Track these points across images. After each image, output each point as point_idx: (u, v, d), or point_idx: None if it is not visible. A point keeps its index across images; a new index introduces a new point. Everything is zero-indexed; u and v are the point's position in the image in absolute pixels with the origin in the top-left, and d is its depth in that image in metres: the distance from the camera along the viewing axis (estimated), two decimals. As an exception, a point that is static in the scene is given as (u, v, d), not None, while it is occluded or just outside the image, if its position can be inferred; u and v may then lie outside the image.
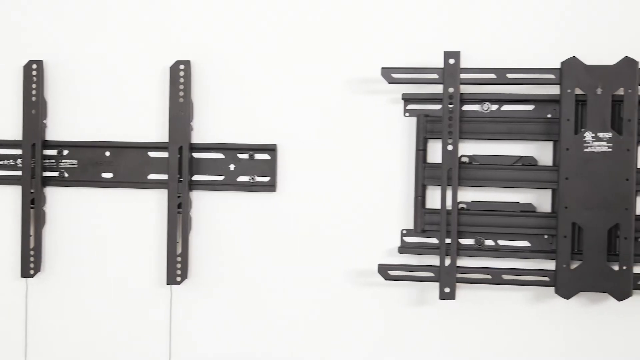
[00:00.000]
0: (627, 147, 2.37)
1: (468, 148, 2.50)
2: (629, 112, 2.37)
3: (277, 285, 2.59)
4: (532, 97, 2.45)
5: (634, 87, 2.36)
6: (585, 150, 2.39)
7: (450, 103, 2.43)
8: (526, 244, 2.48)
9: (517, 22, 2.47)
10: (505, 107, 2.47)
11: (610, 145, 2.38)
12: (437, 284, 2.45)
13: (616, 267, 2.39)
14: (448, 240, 2.45)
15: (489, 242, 2.50)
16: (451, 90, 2.42)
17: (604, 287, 2.40)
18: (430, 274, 2.47)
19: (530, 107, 2.46)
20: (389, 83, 2.46)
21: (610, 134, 2.37)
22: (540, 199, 2.49)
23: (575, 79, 2.38)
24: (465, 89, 2.46)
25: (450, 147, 2.43)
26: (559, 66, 2.39)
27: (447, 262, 2.44)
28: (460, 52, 2.42)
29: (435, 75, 2.44)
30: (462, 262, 2.50)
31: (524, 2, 2.47)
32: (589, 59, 2.38)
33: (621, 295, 2.39)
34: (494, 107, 2.48)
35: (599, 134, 2.38)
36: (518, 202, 2.48)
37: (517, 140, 2.48)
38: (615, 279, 2.39)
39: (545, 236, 2.46)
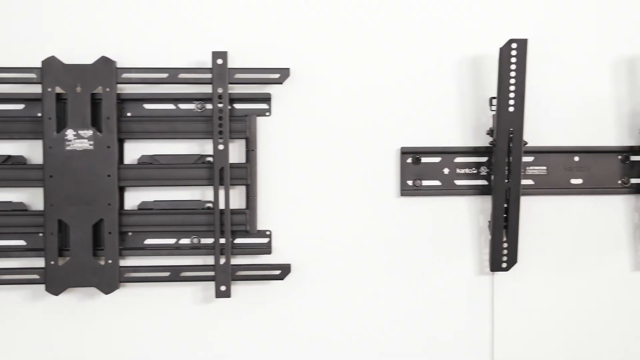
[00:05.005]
0: (108, 145, 2.43)
1: (-45, 150, 2.49)
2: (108, 110, 2.43)
3: None
4: (22, 96, 2.46)
5: (112, 86, 2.42)
6: (68, 148, 2.42)
7: None
8: (22, 242, 2.49)
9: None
10: (-3, 107, 2.48)
11: (92, 142, 2.43)
12: None
13: (103, 262, 2.44)
14: None
15: (-14, 244, 2.49)
16: None
17: (91, 282, 2.45)
18: None
19: (21, 106, 2.47)
20: None
21: (91, 132, 2.42)
22: (35, 198, 2.50)
23: (55, 77, 2.41)
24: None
25: None
26: (40, 65, 2.42)
27: None
28: None
29: None
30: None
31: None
32: (78, 59, 2.43)
33: (108, 288, 2.45)
34: (-16, 107, 2.48)
35: (80, 132, 2.42)
36: (10, 202, 2.49)
37: (8, 140, 2.48)
38: (102, 273, 2.44)
39: (40, 234, 2.48)
